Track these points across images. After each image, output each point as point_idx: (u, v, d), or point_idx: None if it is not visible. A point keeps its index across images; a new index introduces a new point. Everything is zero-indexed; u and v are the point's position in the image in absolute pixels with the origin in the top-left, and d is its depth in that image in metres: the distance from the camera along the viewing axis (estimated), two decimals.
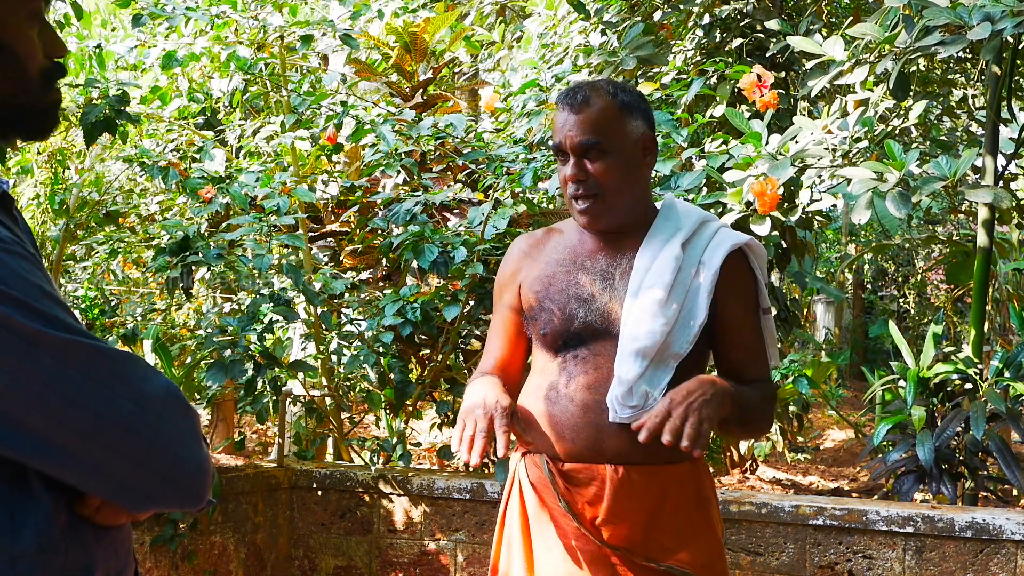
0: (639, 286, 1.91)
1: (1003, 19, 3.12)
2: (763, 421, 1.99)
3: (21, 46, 1.15)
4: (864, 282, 13.14)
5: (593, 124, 1.91)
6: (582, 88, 1.96)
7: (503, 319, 2.09)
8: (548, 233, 2.10)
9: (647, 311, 1.88)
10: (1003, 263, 6.84)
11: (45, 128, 1.22)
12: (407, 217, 3.86)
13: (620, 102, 1.94)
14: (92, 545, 1.12)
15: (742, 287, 1.96)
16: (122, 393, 1.05)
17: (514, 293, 2.06)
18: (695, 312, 1.91)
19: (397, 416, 4.17)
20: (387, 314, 3.80)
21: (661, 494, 1.90)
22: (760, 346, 1.99)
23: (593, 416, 1.89)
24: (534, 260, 2.05)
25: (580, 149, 1.91)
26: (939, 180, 3.34)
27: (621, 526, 1.89)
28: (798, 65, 5.44)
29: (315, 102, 4.31)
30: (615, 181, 1.92)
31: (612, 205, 1.93)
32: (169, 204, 5.18)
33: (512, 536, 2.01)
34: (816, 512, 3.30)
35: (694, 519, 1.94)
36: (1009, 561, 3.09)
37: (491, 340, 2.12)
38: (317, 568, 3.98)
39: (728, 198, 3.70)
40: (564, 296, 1.95)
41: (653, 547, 1.89)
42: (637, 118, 1.95)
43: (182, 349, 5.41)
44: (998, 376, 3.88)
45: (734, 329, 1.95)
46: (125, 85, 3.92)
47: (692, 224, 1.98)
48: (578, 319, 1.93)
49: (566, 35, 5.77)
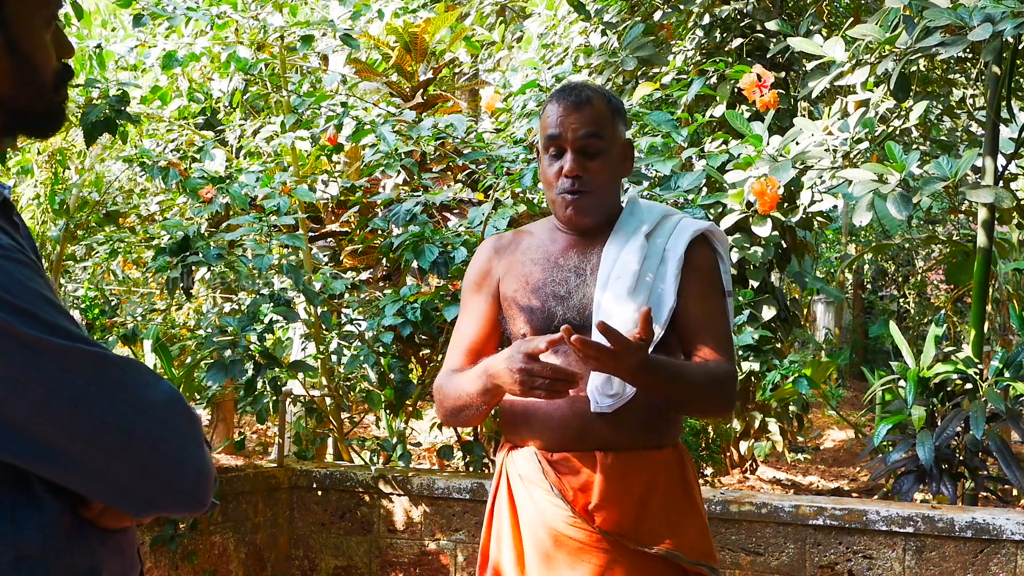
0: (607, 278, 1.96)
1: (1004, 20, 3.12)
2: (707, 399, 1.94)
3: (38, 53, 1.17)
4: (864, 282, 13.14)
5: (595, 122, 1.96)
6: (581, 87, 2.00)
7: (478, 312, 2.10)
8: (517, 235, 2.14)
9: (617, 301, 1.93)
10: (1003, 263, 6.84)
11: (53, 127, 1.23)
12: (407, 217, 3.86)
13: (612, 106, 2.01)
14: (98, 547, 1.12)
15: (705, 270, 2.01)
16: (124, 399, 1.06)
17: (492, 287, 2.08)
18: (664, 298, 1.96)
19: (397, 416, 4.17)
20: (387, 314, 3.80)
21: (650, 479, 1.94)
22: (720, 328, 1.99)
23: (578, 406, 1.92)
24: (509, 259, 2.08)
25: (581, 143, 1.95)
26: (940, 181, 3.34)
27: (613, 511, 1.91)
28: (798, 65, 5.44)
29: (315, 103, 4.31)
30: (606, 179, 1.99)
31: (599, 202, 1.99)
32: (169, 204, 5.18)
33: (501, 529, 2.03)
34: (816, 512, 3.30)
35: (682, 504, 1.98)
36: (1009, 561, 3.09)
37: (460, 333, 2.12)
38: (317, 568, 3.98)
39: (728, 198, 3.70)
40: (542, 295, 1.99)
41: (644, 532, 1.92)
42: (622, 123, 2.04)
43: (182, 349, 5.41)
44: (998, 376, 3.88)
45: (695, 309, 1.98)
46: (125, 85, 3.92)
47: (655, 217, 2.04)
48: (557, 316, 1.96)
49: (566, 35, 5.77)
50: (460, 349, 2.10)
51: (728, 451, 5.71)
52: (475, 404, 1.97)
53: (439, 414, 2.10)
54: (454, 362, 2.09)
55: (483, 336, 2.10)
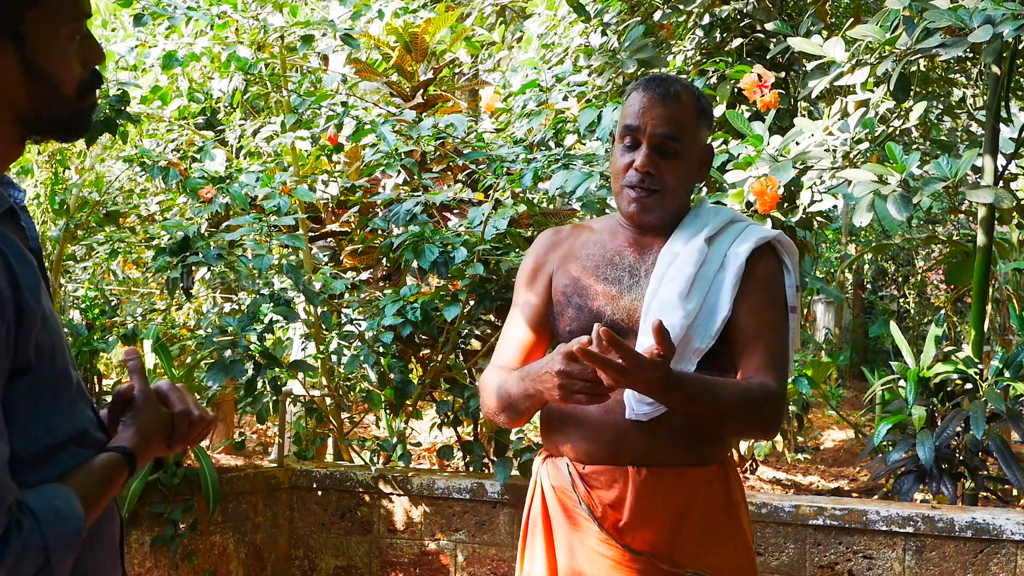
0: (660, 280, 1.86)
1: (1004, 22, 3.12)
2: (740, 420, 1.79)
3: (57, 69, 1.17)
4: (864, 282, 13.13)
5: (677, 121, 1.87)
6: (672, 81, 1.91)
7: (529, 307, 2.00)
8: (576, 229, 2.05)
9: (667, 305, 1.82)
10: (1003, 263, 6.84)
11: (78, 133, 1.24)
12: (407, 217, 3.86)
13: (700, 108, 1.92)
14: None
15: (766, 281, 1.89)
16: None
17: (544, 283, 2.00)
18: (718, 306, 1.85)
19: (397, 416, 4.17)
20: (387, 314, 3.80)
21: (688, 498, 1.84)
22: (773, 343, 1.85)
23: (613, 415, 1.83)
24: (562, 256, 2.00)
25: (658, 140, 1.86)
26: (940, 181, 3.34)
27: (646, 531, 1.82)
28: (798, 66, 5.44)
29: (316, 103, 4.31)
30: (677, 182, 1.90)
31: (666, 204, 1.90)
32: (169, 204, 5.18)
33: (535, 540, 1.96)
34: (816, 512, 3.30)
35: (723, 524, 1.88)
36: (1009, 561, 3.10)
37: (510, 329, 2.02)
38: (317, 568, 3.98)
39: (729, 198, 3.70)
40: (592, 293, 1.91)
41: (679, 553, 1.82)
42: (706, 128, 1.94)
43: (182, 349, 5.40)
44: (998, 376, 3.88)
45: (748, 321, 1.85)
46: (125, 85, 3.93)
47: (720, 221, 1.94)
48: (604, 317, 1.88)
49: (566, 36, 5.77)
50: (510, 345, 2.00)
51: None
52: (516, 407, 1.88)
53: (482, 409, 2.01)
54: (502, 358, 1.99)
55: (533, 332, 1.99)
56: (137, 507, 3.54)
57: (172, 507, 3.61)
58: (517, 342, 2.00)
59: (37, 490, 1.14)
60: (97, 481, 1.22)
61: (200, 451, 3.71)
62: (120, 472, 1.25)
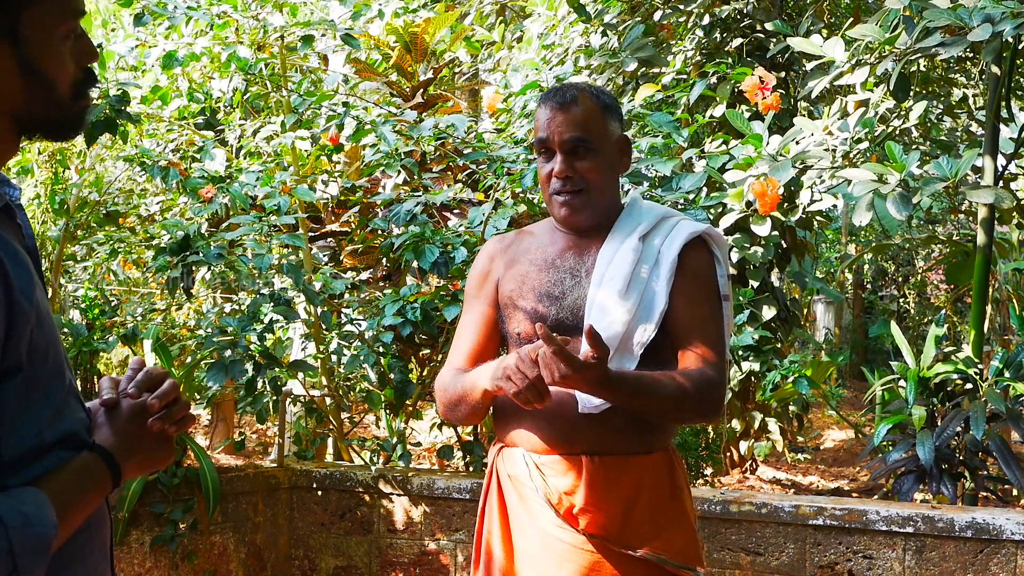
0: (600, 279, 1.96)
1: (1003, 20, 3.12)
2: (681, 410, 1.91)
3: (52, 69, 1.17)
4: (864, 282, 13.13)
5: (581, 122, 1.97)
6: (568, 88, 2.01)
7: (478, 314, 2.11)
8: (519, 235, 2.15)
9: (607, 303, 1.93)
10: (1003, 263, 6.84)
11: (72, 132, 1.25)
12: (407, 217, 3.87)
13: (603, 104, 2.01)
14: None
15: (699, 273, 2.00)
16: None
17: (491, 289, 2.10)
18: (655, 301, 1.95)
19: (397, 416, 4.17)
20: (387, 314, 3.80)
21: (636, 484, 1.95)
22: (709, 332, 1.96)
23: (566, 409, 1.92)
24: (508, 260, 2.09)
25: (568, 146, 1.96)
26: (940, 181, 3.34)
27: (598, 515, 1.92)
28: (798, 65, 5.44)
29: (316, 103, 4.31)
30: (599, 178, 1.99)
31: (594, 202, 2.00)
32: (169, 204, 5.19)
33: (492, 528, 2.05)
34: (816, 512, 3.30)
35: (668, 509, 1.98)
36: (1009, 561, 3.10)
37: (462, 336, 2.13)
38: (317, 568, 3.98)
39: (729, 199, 3.71)
40: (537, 295, 2.00)
41: (630, 536, 1.93)
42: (615, 120, 2.03)
43: (182, 349, 5.40)
44: (998, 376, 3.88)
45: (685, 312, 1.96)
46: (125, 85, 3.93)
47: (653, 219, 2.04)
48: (550, 317, 1.97)
49: (566, 36, 5.77)
50: (461, 351, 2.11)
51: (728, 451, 5.71)
52: (470, 402, 1.99)
53: (440, 410, 2.12)
54: (456, 361, 2.10)
55: (483, 338, 2.11)
56: (137, 507, 3.54)
57: (172, 507, 3.61)
58: (468, 349, 2.11)
59: (7, 493, 1.10)
60: (73, 485, 1.16)
61: (200, 451, 3.71)
62: (100, 473, 1.20)
